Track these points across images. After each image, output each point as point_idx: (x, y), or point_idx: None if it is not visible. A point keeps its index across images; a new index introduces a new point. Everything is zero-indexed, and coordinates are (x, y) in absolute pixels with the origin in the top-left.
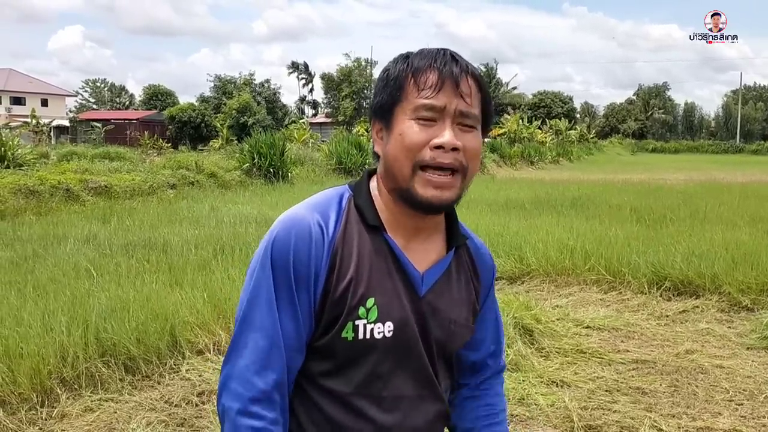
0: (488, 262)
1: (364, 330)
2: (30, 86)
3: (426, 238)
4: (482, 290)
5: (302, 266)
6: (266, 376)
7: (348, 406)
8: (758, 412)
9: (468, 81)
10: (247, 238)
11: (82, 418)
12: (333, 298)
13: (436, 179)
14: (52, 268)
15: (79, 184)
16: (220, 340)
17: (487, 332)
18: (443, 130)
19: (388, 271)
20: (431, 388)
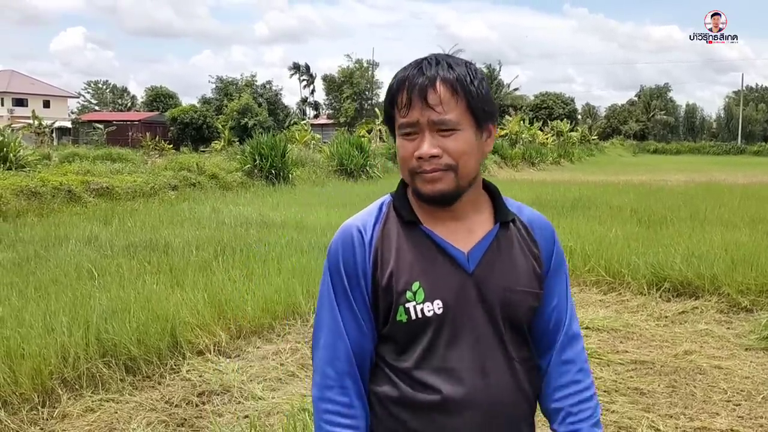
0: (545, 229)
1: (415, 311)
2: (32, 88)
3: (466, 221)
4: (544, 256)
5: (350, 268)
6: (335, 367)
7: (413, 380)
8: (756, 412)
9: (437, 89)
10: (248, 239)
11: (83, 418)
12: (381, 289)
13: (427, 176)
14: (53, 269)
15: (81, 186)
16: (220, 341)
17: (558, 299)
18: (420, 141)
19: (430, 256)
20: (495, 359)
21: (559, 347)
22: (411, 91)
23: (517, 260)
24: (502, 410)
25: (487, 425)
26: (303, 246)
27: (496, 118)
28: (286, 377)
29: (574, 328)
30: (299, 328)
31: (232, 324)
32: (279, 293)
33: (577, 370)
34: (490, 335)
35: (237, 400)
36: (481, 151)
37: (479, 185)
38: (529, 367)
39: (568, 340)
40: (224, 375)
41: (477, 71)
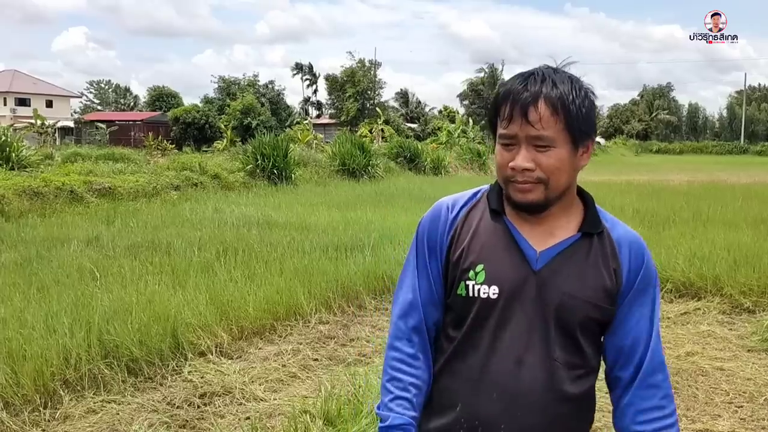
0: (635, 250)
1: (473, 289)
2: (35, 87)
3: (549, 225)
4: (624, 276)
5: (432, 239)
6: (407, 321)
7: (457, 351)
8: (758, 414)
9: (538, 106)
10: (250, 239)
11: (85, 419)
12: (452, 263)
13: (519, 186)
14: (55, 270)
15: (83, 186)
16: (222, 342)
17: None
18: (516, 153)
19: (503, 246)
20: (535, 354)
21: (645, 371)
22: (514, 105)
23: (589, 270)
24: (528, 403)
25: (512, 411)
26: (305, 247)
27: (594, 136)
28: (288, 378)
29: (660, 355)
30: (301, 329)
31: (233, 325)
32: (281, 294)
33: (662, 396)
34: (536, 331)
35: (238, 401)
36: (574, 167)
37: (572, 193)
38: (579, 375)
39: (654, 366)
40: (226, 376)
41: (581, 89)
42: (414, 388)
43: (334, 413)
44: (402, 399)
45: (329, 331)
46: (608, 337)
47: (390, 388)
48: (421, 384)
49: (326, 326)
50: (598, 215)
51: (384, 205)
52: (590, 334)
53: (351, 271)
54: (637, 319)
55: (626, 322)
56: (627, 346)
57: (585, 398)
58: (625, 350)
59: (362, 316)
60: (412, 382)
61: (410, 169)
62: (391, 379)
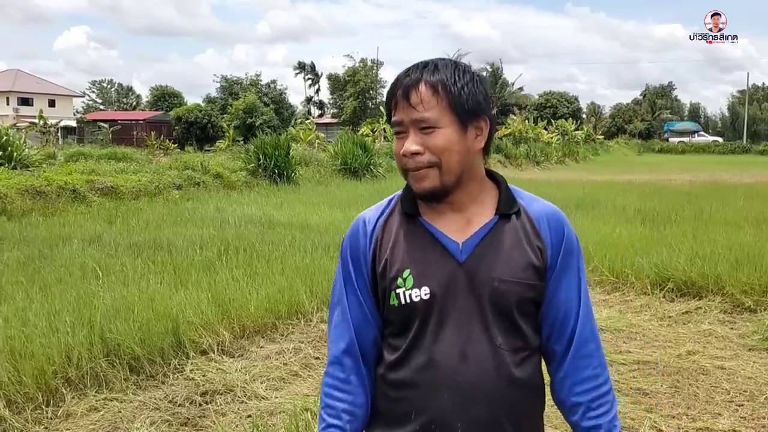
0: (554, 223)
1: (404, 296)
2: (37, 87)
3: (464, 214)
4: (549, 251)
5: (355, 256)
6: (338, 344)
7: (405, 359)
8: (758, 413)
9: (419, 89)
10: (251, 239)
11: (87, 417)
12: (378, 275)
13: (414, 174)
14: (58, 269)
15: (86, 185)
16: (224, 340)
17: (566, 293)
18: (405, 139)
19: (424, 246)
20: (477, 345)
21: (578, 342)
22: (397, 91)
23: (513, 251)
24: (480, 394)
25: (465, 407)
26: (306, 246)
27: (484, 117)
28: (290, 377)
29: (591, 323)
30: (302, 327)
31: (235, 324)
32: (282, 293)
33: (596, 365)
34: (475, 323)
35: (240, 399)
36: (467, 148)
37: (479, 179)
38: (523, 357)
39: (586, 336)
40: (227, 374)
41: (466, 73)
42: (346, 414)
43: None
44: (334, 427)
45: None
46: (541, 312)
47: (323, 416)
48: (355, 409)
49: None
50: (512, 195)
51: None
52: (527, 315)
53: None
54: (566, 291)
55: (556, 296)
56: (559, 319)
57: (534, 380)
58: (557, 323)
59: None
60: (345, 408)
61: None
62: (324, 406)
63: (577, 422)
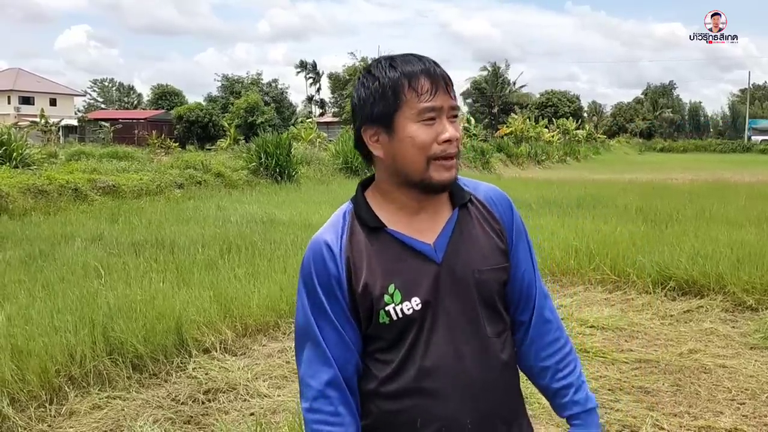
0: (502, 202)
1: (396, 312)
2: (39, 86)
3: (432, 213)
4: (506, 227)
5: (324, 280)
6: (319, 377)
7: (401, 370)
8: (760, 411)
9: (449, 81)
10: (253, 237)
11: (90, 415)
12: (359, 295)
13: (448, 163)
14: (60, 268)
15: (87, 184)
16: (226, 339)
17: (525, 265)
18: (443, 126)
19: (400, 256)
20: (469, 341)
21: (538, 308)
22: (434, 78)
23: (481, 240)
24: (481, 387)
25: (470, 403)
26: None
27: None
28: (292, 375)
29: (542, 288)
30: None
31: (238, 322)
32: (284, 291)
33: (556, 328)
34: (462, 319)
35: (243, 397)
36: None
37: None
38: (505, 339)
39: (542, 300)
40: (230, 373)
41: None
42: None
43: None
44: None
45: None
46: (508, 288)
47: None
48: None
49: None
50: (459, 185)
51: None
52: (502, 297)
53: None
54: (524, 264)
55: (518, 270)
56: (524, 291)
57: (514, 359)
58: (523, 295)
59: None
60: None
61: None
62: None
63: (548, 384)
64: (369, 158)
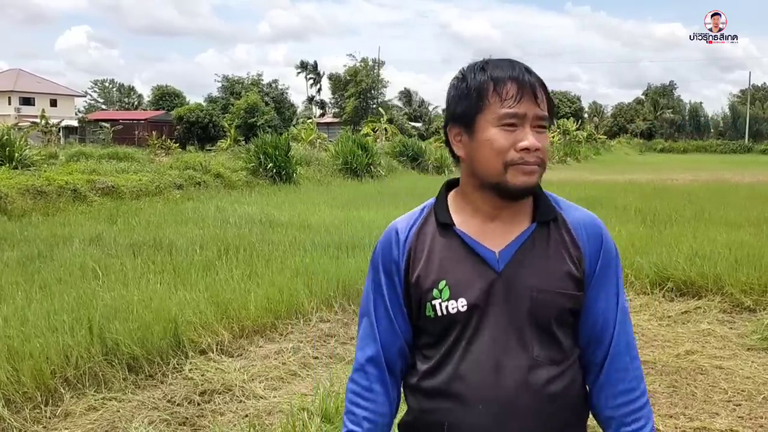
0: (591, 230)
1: (441, 307)
2: (39, 87)
3: (507, 221)
4: (587, 258)
5: (387, 266)
6: (364, 352)
7: (438, 369)
8: (756, 412)
9: (541, 89)
10: (251, 238)
11: (86, 416)
12: (412, 286)
13: (527, 168)
14: (58, 269)
15: (86, 185)
16: (223, 340)
17: (605, 303)
18: (525, 134)
19: (460, 256)
20: (513, 357)
21: (614, 353)
22: (521, 85)
23: (551, 261)
24: (517, 408)
25: (502, 421)
26: (306, 245)
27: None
28: (288, 376)
29: (629, 335)
30: (302, 327)
31: (234, 323)
32: (282, 293)
33: (632, 378)
34: (511, 333)
35: (238, 399)
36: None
37: None
38: (563, 369)
39: (622, 347)
40: (226, 374)
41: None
42: (367, 422)
43: (332, 410)
44: None
45: (330, 330)
46: (581, 321)
47: (345, 421)
48: (376, 417)
49: (327, 324)
50: (550, 201)
51: (386, 204)
52: (565, 325)
53: (352, 270)
54: (604, 301)
55: (594, 306)
56: (597, 330)
57: (571, 392)
58: (595, 334)
59: None
60: (366, 416)
61: (413, 168)
62: (347, 412)
63: None
64: (456, 158)
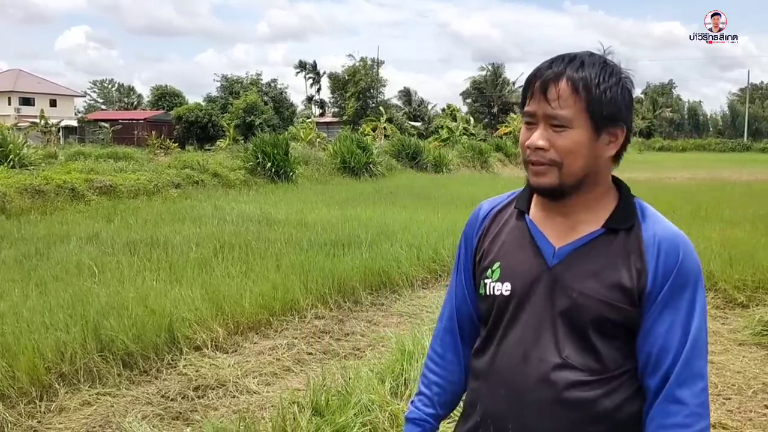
0: (667, 247)
1: (489, 287)
2: (39, 87)
3: (572, 220)
4: (650, 277)
5: (468, 240)
6: (441, 322)
7: (481, 350)
8: (745, 406)
9: (559, 85)
10: (248, 236)
11: (80, 411)
12: (476, 261)
13: (534, 168)
14: (54, 266)
15: (85, 184)
16: (217, 336)
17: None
18: (535, 132)
19: (520, 243)
20: (542, 351)
21: (671, 384)
22: (535, 82)
23: (607, 268)
24: (534, 401)
25: (518, 411)
26: (302, 243)
27: (621, 125)
28: (282, 372)
29: (695, 368)
30: (296, 324)
31: (229, 320)
32: (277, 289)
33: (687, 414)
34: (545, 329)
35: (232, 394)
36: (595, 154)
37: (602, 187)
38: (597, 380)
39: (683, 379)
40: (220, 370)
41: (612, 75)
42: (436, 386)
43: (323, 404)
44: (423, 396)
45: (324, 326)
46: (638, 341)
47: (419, 384)
48: (445, 384)
49: (322, 321)
50: (634, 209)
51: (384, 203)
52: (608, 336)
53: (348, 267)
54: (668, 325)
55: (655, 328)
56: (654, 354)
57: (609, 408)
58: (652, 357)
59: (358, 311)
60: (435, 381)
61: (412, 167)
62: (422, 375)
63: None
64: None
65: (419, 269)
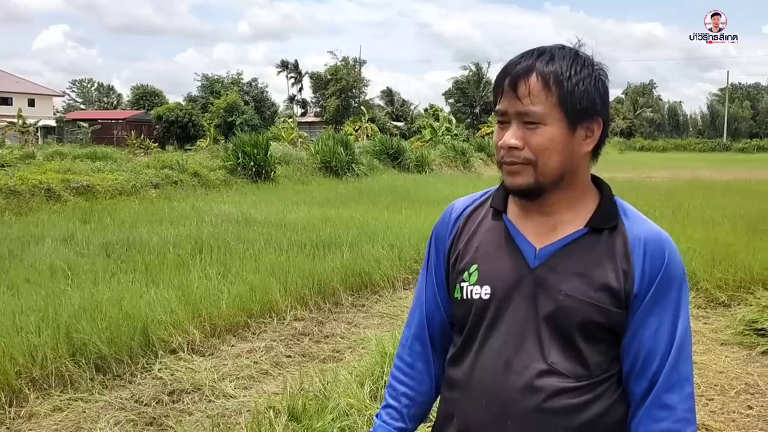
0: (653, 248)
1: (466, 291)
2: (17, 86)
3: (553, 220)
4: (637, 278)
5: (438, 241)
6: (409, 329)
7: (457, 358)
8: (728, 407)
9: (529, 80)
10: (226, 237)
11: (51, 417)
12: (450, 264)
13: (508, 168)
14: (27, 268)
15: (61, 184)
16: (194, 339)
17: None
18: (508, 131)
19: (498, 244)
20: (525, 357)
21: (659, 388)
22: (504, 80)
23: (592, 269)
24: (518, 412)
25: (501, 422)
26: (282, 244)
27: (597, 119)
28: (260, 375)
29: (682, 372)
30: (275, 326)
31: (206, 322)
32: (255, 291)
33: (676, 419)
34: (529, 334)
35: (208, 398)
36: (572, 150)
37: (581, 184)
38: (583, 386)
39: (671, 384)
40: (196, 373)
41: (585, 67)
42: (405, 398)
43: (300, 409)
44: (391, 408)
45: (304, 328)
46: (623, 345)
47: (386, 396)
48: (415, 395)
49: (301, 323)
50: (616, 209)
51: (365, 203)
52: (594, 341)
53: (328, 268)
54: (654, 329)
55: (641, 331)
56: (641, 358)
57: (594, 414)
58: (638, 362)
59: (338, 312)
60: (404, 392)
61: (394, 167)
62: (388, 387)
63: None
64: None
65: (401, 270)
